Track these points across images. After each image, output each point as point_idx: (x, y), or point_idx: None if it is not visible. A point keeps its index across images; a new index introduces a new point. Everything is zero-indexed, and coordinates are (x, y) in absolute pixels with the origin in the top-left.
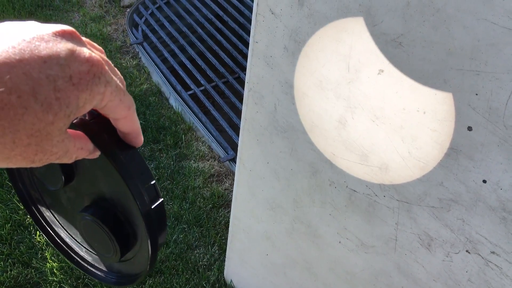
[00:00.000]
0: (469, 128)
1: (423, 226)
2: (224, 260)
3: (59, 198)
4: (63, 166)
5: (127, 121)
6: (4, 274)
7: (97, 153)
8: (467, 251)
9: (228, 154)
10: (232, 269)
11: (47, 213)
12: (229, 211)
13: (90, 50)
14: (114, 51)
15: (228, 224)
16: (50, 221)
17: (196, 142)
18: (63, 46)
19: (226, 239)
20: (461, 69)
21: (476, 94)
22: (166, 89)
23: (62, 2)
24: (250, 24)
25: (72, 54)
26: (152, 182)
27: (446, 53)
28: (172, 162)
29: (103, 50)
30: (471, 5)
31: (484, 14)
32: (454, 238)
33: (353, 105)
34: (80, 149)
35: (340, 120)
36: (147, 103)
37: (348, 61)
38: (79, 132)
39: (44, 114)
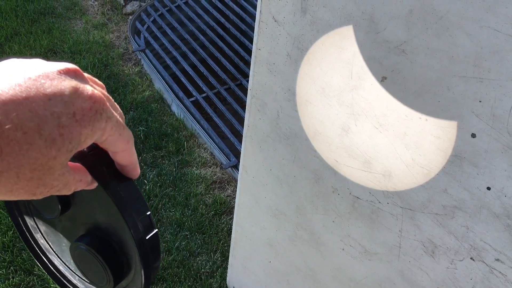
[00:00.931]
0: (473, 135)
1: (427, 233)
2: (227, 267)
3: (54, 226)
4: (60, 196)
5: (126, 154)
6: (6, 281)
7: (95, 184)
8: (471, 258)
9: (230, 160)
10: (234, 276)
11: (42, 241)
12: (232, 218)
13: (93, 87)
14: (116, 58)
15: (231, 231)
16: (44, 249)
17: (198, 149)
18: (67, 84)
19: (228, 246)
20: (464, 76)
21: (480, 101)
22: (168, 96)
23: (65, 9)
24: (252, 31)
25: (75, 92)
26: (147, 213)
27: (449, 60)
28: (174, 169)
29: (104, 86)
30: (474, 13)
31: (487, 22)
32: (458, 245)
33: (356, 112)
34: (79, 181)
35: (343, 127)
36: (149, 110)
37: (351, 68)
38: (77, 164)
39: (47, 149)
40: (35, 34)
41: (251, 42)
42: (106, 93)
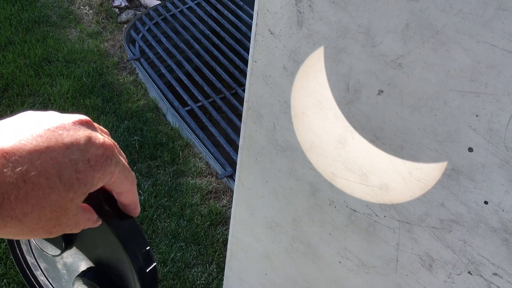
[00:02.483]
0: (470, 149)
1: (424, 247)
2: (223, 279)
3: (55, 263)
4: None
5: (129, 194)
6: None
7: (99, 222)
8: (469, 272)
9: (225, 170)
10: None
11: (42, 278)
12: (227, 229)
13: (102, 135)
14: (111, 67)
15: (226, 242)
16: (44, 286)
17: (193, 159)
18: (82, 134)
19: (224, 257)
20: (461, 91)
21: (477, 116)
22: (163, 105)
23: (59, 18)
24: (247, 40)
25: (89, 140)
26: (147, 248)
27: (446, 75)
28: (169, 179)
29: (108, 132)
30: (471, 27)
31: (483, 36)
32: (456, 259)
33: (352, 125)
34: (87, 220)
35: (339, 140)
36: (144, 119)
37: (347, 81)
38: (85, 205)
39: (66, 192)
40: (30, 43)
41: (246, 51)
42: (111, 139)
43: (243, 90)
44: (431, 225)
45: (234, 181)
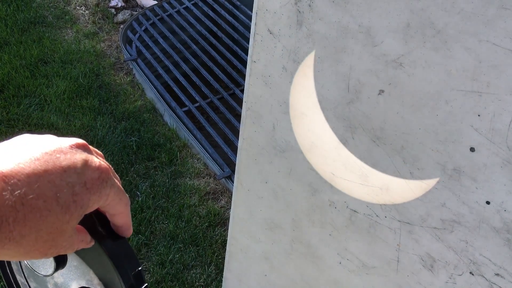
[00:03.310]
0: (472, 149)
1: (425, 247)
2: (221, 280)
3: (45, 283)
4: None
5: (123, 216)
6: None
7: (92, 243)
8: (470, 273)
9: (224, 171)
10: None
11: None
12: (226, 230)
13: (98, 159)
14: (108, 68)
15: (225, 243)
16: None
17: (191, 159)
18: (79, 157)
19: (223, 258)
20: (462, 90)
21: (479, 115)
22: (161, 106)
23: (55, 18)
24: (244, 40)
25: (86, 164)
26: (139, 269)
27: (447, 74)
28: (167, 180)
29: (103, 155)
30: (473, 27)
31: (486, 36)
32: (458, 259)
33: (353, 126)
34: (81, 241)
35: (340, 140)
36: (142, 120)
37: (347, 81)
38: (79, 226)
39: (63, 214)
40: (25, 44)
41: (244, 51)
42: (106, 162)
43: (241, 91)
44: (433, 225)
45: (232, 182)
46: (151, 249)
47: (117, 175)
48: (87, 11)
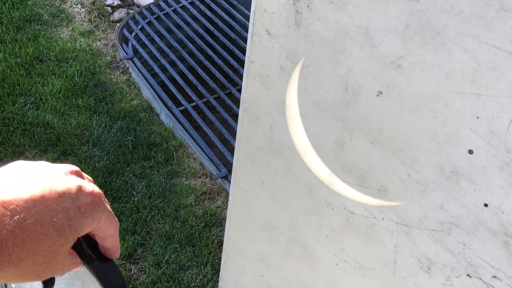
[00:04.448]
0: (470, 151)
1: (423, 249)
2: (218, 281)
3: None
4: None
5: (112, 239)
6: None
7: (81, 265)
8: (468, 275)
9: (220, 171)
10: None
11: None
12: (222, 230)
13: (90, 184)
14: (104, 67)
15: (221, 243)
16: None
17: (187, 159)
18: (73, 183)
19: (219, 258)
20: (461, 92)
21: (477, 118)
22: (157, 105)
23: (51, 16)
24: (241, 39)
25: (80, 189)
26: None
27: (446, 76)
28: (163, 180)
29: (93, 180)
30: (472, 29)
31: (485, 38)
32: (455, 261)
33: (351, 127)
34: (72, 263)
35: (337, 142)
36: (138, 119)
37: (346, 82)
38: (70, 249)
39: (58, 238)
40: (21, 42)
41: (241, 50)
42: (97, 187)
43: (238, 90)
44: (430, 227)
45: (229, 182)
46: (147, 249)
47: (106, 200)
48: (83, 9)
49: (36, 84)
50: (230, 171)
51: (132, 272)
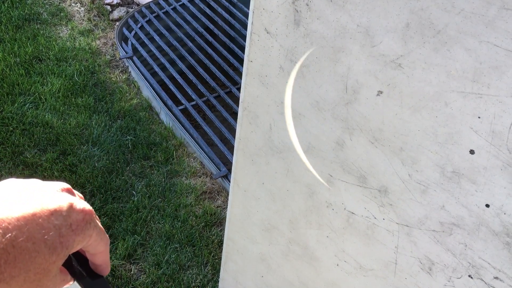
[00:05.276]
0: (472, 152)
1: (424, 250)
2: (218, 281)
3: None
4: None
5: (102, 255)
6: None
7: (72, 282)
8: (469, 276)
9: (220, 170)
10: None
11: None
12: (222, 230)
13: (81, 201)
14: (103, 65)
15: (221, 243)
16: None
17: (187, 158)
18: (64, 201)
19: (219, 258)
20: (462, 92)
21: (479, 117)
22: (157, 104)
23: (50, 15)
24: (241, 37)
25: (71, 206)
26: None
27: (447, 75)
28: (163, 179)
29: (83, 197)
30: (473, 27)
31: (486, 37)
32: (456, 262)
33: (351, 127)
34: (63, 280)
35: (337, 142)
36: (137, 118)
37: (345, 82)
38: (61, 266)
39: (50, 255)
40: (20, 41)
41: (240, 48)
42: (88, 204)
43: (238, 89)
44: (431, 228)
45: (229, 181)
46: (147, 249)
47: (97, 216)
48: (82, 8)
49: (35, 84)
50: (230, 170)
51: (132, 272)
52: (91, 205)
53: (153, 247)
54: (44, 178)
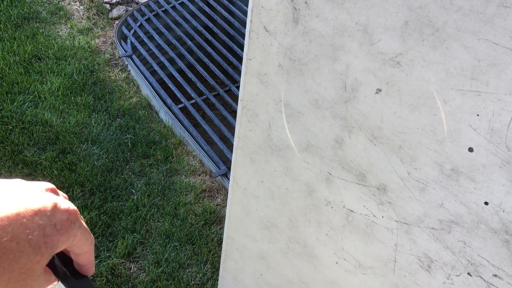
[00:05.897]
0: (470, 149)
1: (423, 248)
2: (217, 279)
3: None
4: None
5: (87, 255)
6: None
7: (56, 282)
8: (468, 273)
9: (219, 169)
10: None
11: None
12: (222, 228)
13: (66, 201)
14: (103, 64)
15: (221, 241)
16: None
17: (187, 157)
18: (48, 201)
19: (219, 256)
20: (461, 90)
21: (477, 115)
22: (156, 103)
23: (49, 14)
24: (240, 35)
25: (55, 206)
26: None
27: (446, 73)
28: (162, 178)
29: (68, 197)
30: (472, 25)
31: (485, 34)
32: (455, 260)
33: (350, 125)
34: (47, 281)
35: (336, 140)
36: (137, 117)
37: (344, 80)
38: (45, 267)
39: (34, 255)
40: (19, 40)
41: (240, 47)
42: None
43: (237, 87)
44: (430, 226)
45: (228, 179)
46: (146, 248)
47: (81, 216)
48: (81, 7)
49: (35, 82)
50: (229, 168)
51: (131, 270)
52: (91, 203)
53: (153, 246)
54: (43, 176)
